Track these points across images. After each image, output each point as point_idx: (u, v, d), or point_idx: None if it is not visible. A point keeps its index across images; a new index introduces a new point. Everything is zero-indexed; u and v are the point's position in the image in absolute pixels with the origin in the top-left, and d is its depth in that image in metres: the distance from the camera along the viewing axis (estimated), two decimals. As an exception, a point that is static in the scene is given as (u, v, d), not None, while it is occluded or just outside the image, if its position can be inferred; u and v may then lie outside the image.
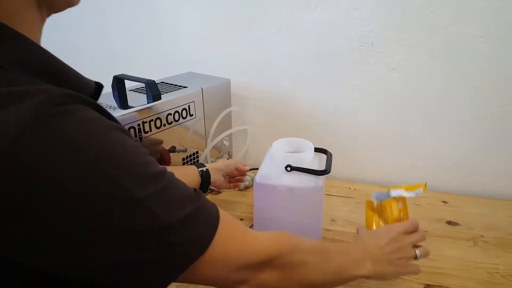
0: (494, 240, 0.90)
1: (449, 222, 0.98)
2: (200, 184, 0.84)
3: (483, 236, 0.92)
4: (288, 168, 0.75)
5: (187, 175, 0.82)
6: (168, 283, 0.39)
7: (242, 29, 1.17)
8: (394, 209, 0.70)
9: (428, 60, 1.05)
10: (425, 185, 0.71)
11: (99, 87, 0.44)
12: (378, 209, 0.72)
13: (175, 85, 1.03)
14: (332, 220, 0.99)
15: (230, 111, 1.14)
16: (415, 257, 0.62)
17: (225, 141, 1.14)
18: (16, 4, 0.36)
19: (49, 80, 0.36)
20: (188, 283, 0.44)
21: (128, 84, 0.91)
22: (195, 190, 0.42)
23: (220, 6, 1.17)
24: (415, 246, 0.63)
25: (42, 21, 0.41)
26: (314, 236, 0.78)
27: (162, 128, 0.90)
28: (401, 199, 0.72)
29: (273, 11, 1.12)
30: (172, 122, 0.93)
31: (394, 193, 0.71)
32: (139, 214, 0.34)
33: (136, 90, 0.99)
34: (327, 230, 0.95)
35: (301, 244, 0.52)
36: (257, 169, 0.81)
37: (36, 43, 0.38)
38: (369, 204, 0.74)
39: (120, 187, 0.33)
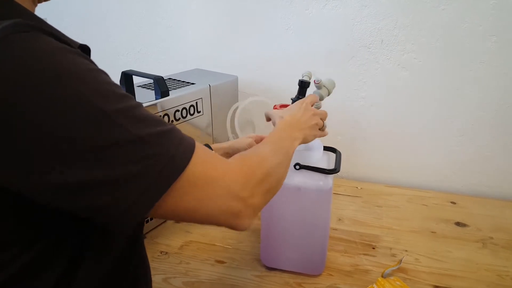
0: (504, 242, 0.89)
1: (458, 223, 0.97)
2: None
3: (492, 238, 0.91)
4: (297, 167, 0.74)
5: None
6: (150, 205, 0.37)
7: (250, 26, 1.16)
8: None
9: (439, 58, 1.03)
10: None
11: (84, 48, 0.45)
12: None
13: (183, 81, 1.02)
14: (339, 219, 0.99)
15: (237, 108, 1.13)
16: (322, 127, 0.72)
17: (232, 135, 1.13)
18: None
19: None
20: (179, 216, 0.42)
21: (136, 80, 0.91)
22: None
23: (228, 3, 1.16)
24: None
25: (34, 5, 0.43)
26: (321, 235, 0.78)
27: (170, 124, 0.89)
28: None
29: (282, 8, 1.11)
30: (179, 118, 0.92)
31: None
32: (107, 128, 0.34)
33: (144, 86, 0.98)
34: (333, 229, 0.94)
35: (260, 153, 0.54)
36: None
37: (27, 9, 0.39)
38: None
39: (86, 100, 0.33)
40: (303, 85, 0.76)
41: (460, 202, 1.07)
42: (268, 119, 0.71)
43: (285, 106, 0.78)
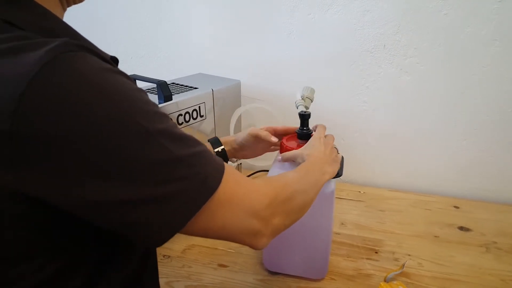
0: (507, 247, 0.89)
1: (461, 228, 0.97)
2: None
3: (496, 243, 0.91)
4: (299, 171, 0.74)
5: None
6: (183, 223, 0.38)
7: (253, 30, 1.17)
8: None
9: (441, 63, 1.04)
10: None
11: (114, 60, 0.46)
12: None
13: (186, 86, 1.03)
14: (342, 223, 0.99)
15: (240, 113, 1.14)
16: (337, 152, 0.73)
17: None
18: None
19: None
20: (204, 233, 0.43)
21: (140, 84, 0.91)
22: None
23: (231, 8, 1.17)
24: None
25: (63, 10, 0.45)
26: (324, 240, 0.78)
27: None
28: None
29: (285, 13, 1.12)
30: (182, 123, 0.93)
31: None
32: (150, 147, 0.35)
33: (147, 90, 0.99)
34: (336, 233, 0.94)
35: (285, 178, 0.55)
36: (267, 171, 0.81)
37: (59, 18, 0.41)
38: None
39: (132, 119, 0.34)
40: (305, 117, 0.75)
41: (463, 207, 1.07)
42: (287, 159, 0.70)
43: (292, 137, 0.77)
